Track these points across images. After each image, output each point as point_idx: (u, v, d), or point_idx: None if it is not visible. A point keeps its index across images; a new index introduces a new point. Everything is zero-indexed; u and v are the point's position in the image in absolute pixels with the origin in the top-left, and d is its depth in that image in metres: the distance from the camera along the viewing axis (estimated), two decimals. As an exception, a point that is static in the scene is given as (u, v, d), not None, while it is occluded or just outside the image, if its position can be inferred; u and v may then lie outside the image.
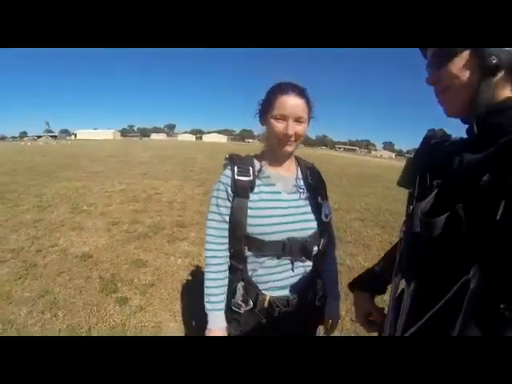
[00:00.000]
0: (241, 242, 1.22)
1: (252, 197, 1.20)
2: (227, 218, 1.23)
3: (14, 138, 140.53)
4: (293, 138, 1.18)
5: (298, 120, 1.17)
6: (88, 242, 4.57)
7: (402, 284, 0.78)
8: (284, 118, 1.15)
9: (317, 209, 1.29)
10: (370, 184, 13.33)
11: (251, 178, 1.22)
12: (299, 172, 1.35)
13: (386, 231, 5.99)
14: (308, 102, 1.20)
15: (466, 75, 0.69)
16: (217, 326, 1.25)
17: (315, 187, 1.33)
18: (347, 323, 2.92)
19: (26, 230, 4.92)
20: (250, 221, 1.19)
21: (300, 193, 1.29)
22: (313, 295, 1.32)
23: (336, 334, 1.45)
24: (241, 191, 1.20)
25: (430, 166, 0.79)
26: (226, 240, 1.26)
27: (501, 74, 0.65)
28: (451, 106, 0.75)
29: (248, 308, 1.24)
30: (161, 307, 3.04)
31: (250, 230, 1.19)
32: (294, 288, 1.26)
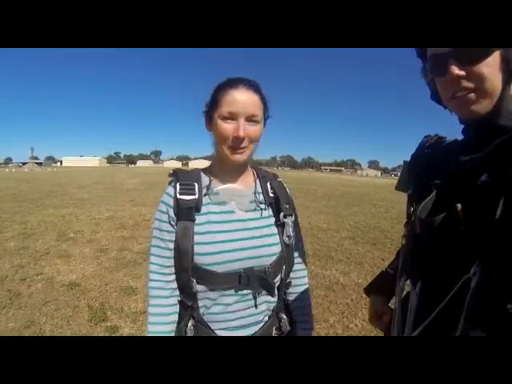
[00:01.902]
0: (188, 274, 1.00)
1: (198, 219, 1.00)
2: (171, 245, 1.03)
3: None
4: (245, 143, 0.98)
5: (250, 119, 0.97)
6: (75, 269, 4.45)
7: (408, 286, 0.78)
8: (233, 116, 0.95)
9: (279, 229, 1.09)
10: (358, 203, 13.45)
11: (196, 196, 1.00)
12: (258, 185, 1.13)
13: (377, 248, 6.03)
14: (262, 99, 1.02)
15: (495, 78, 0.65)
16: None
17: (277, 203, 1.10)
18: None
19: (9, 258, 4.78)
20: (197, 248, 0.98)
21: (260, 210, 1.09)
22: (276, 333, 1.12)
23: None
24: (184, 213, 0.99)
25: (426, 167, 0.79)
26: (172, 270, 1.05)
27: None
28: (473, 109, 0.67)
29: None
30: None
31: (197, 259, 0.98)
32: (253, 327, 1.06)
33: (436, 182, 0.73)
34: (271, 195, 1.11)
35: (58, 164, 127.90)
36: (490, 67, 0.64)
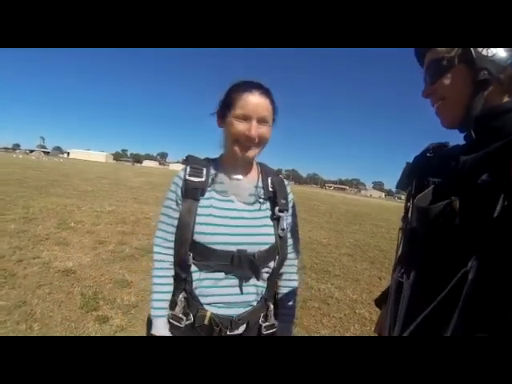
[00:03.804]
0: (186, 248, 1.09)
1: (202, 202, 1.10)
2: (175, 222, 1.13)
3: (6, 149, 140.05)
4: (256, 141, 1.07)
5: (261, 121, 1.06)
6: (72, 257, 4.45)
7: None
8: (247, 118, 1.05)
9: (274, 222, 1.17)
10: (360, 222, 13.42)
11: (203, 179, 1.12)
12: (260, 180, 1.21)
13: (374, 266, 6.00)
14: (272, 103, 1.11)
15: (459, 89, 0.74)
16: (159, 332, 1.14)
17: (275, 197, 1.18)
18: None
19: (8, 239, 4.80)
20: (197, 227, 1.08)
21: (258, 203, 1.17)
22: (262, 320, 1.19)
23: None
24: (191, 192, 1.10)
25: (427, 167, 0.83)
26: (173, 245, 1.15)
27: (492, 86, 0.70)
28: (447, 117, 0.80)
29: (188, 322, 1.12)
30: (143, 328, 2.89)
31: (197, 236, 1.08)
32: (240, 308, 1.14)
33: (435, 179, 0.77)
34: (270, 190, 1.20)
35: (65, 155, 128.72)
36: (451, 82, 0.74)
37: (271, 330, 1.21)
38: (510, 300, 0.55)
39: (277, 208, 1.16)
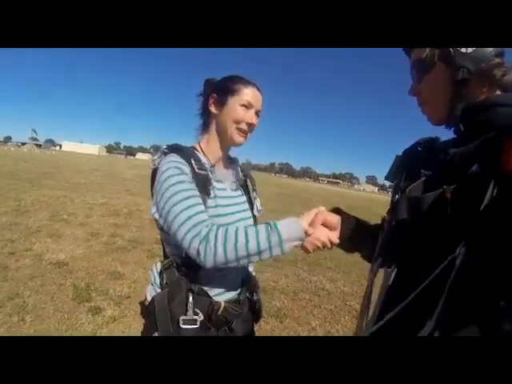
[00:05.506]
0: None
1: (210, 193, 1.09)
2: (198, 193, 1.02)
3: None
4: (253, 129, 1.18)
5: (257, 113, 1.18)
6: (65, 249, 4.45)
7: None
8: (250, 106, 1.14)
9: (251, 204, 1.29)
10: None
11: (208, 173, 1.10)
12: (233, 168, 1.31)
13: (366, 259, 6.04)
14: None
15: (440, 90, 0.75)
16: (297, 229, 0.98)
17: (248, 183, 1.32)
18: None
19: (0, 232, 4.78)
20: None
21: (240, 189, 1.28)
22: (249, 296, 1.29)
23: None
24: (203, 186, 1.05)
25: (417, 160, 0.83)
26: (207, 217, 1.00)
27: (473, 82, 0.71)
28: (432, 118, 0.82)
29: (202, 319, 1.08)
30: (135, 319, 2.94)
31: None
32: (241, 286, 1.23)
33: (426, 172, 0.77)
34: (242, 178, 1.31)
35: (58, 148, 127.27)
36: (432, 83, 0.76)
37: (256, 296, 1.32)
38: (498, 289, 0.56)
39: (254, 192, 1.31)
